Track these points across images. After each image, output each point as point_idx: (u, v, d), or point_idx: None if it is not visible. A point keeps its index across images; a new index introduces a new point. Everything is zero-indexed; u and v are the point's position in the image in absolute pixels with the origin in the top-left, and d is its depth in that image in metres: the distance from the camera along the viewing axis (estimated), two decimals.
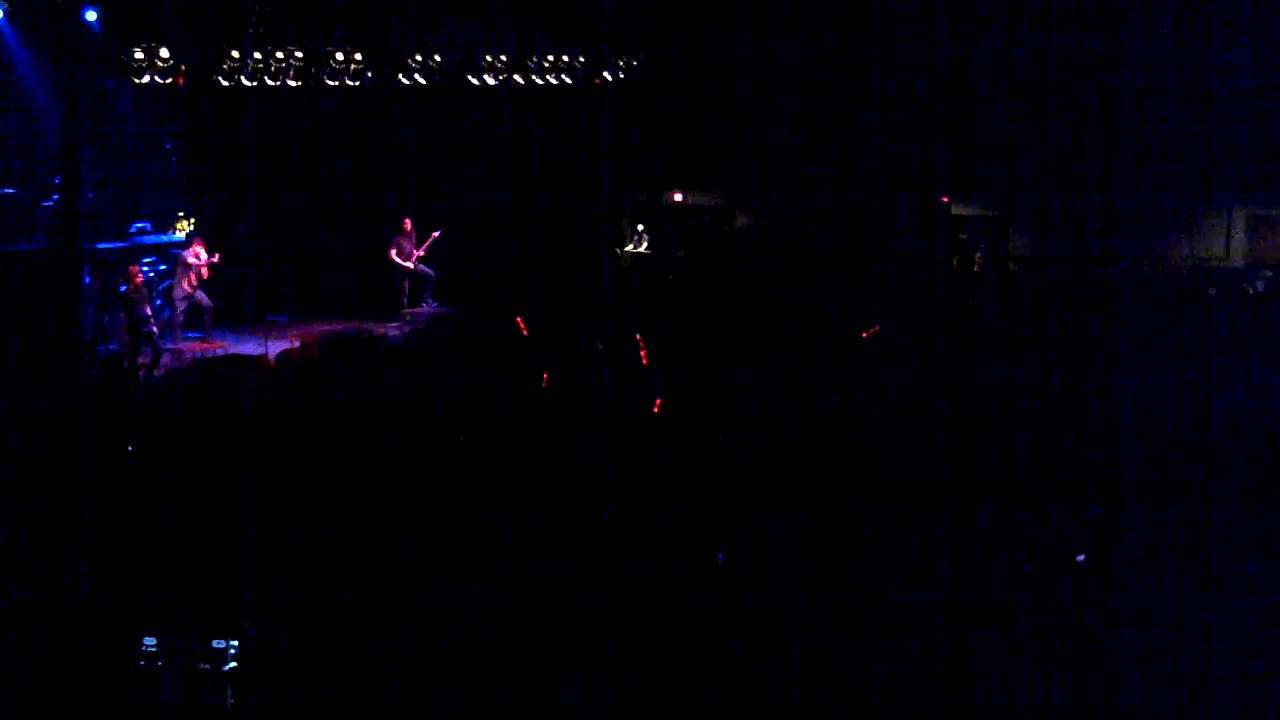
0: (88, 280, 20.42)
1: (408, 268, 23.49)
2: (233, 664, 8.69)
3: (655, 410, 16.30)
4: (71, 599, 10.01)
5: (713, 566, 11.60)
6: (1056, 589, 11.19)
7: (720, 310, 22.05)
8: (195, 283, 20.79)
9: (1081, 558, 11.69)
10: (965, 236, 26.61)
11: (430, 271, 23.75)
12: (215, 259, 20.95)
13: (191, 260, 20.75)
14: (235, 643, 8.69)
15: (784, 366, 17.64)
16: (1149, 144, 25.15)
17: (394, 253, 23.38)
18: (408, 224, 23.54)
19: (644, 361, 18.64)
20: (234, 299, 22.66)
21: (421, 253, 23.55)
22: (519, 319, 19.69)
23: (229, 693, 8.66)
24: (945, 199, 26.74)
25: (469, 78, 25.19)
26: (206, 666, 8.64)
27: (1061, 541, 11.90)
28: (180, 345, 20.71)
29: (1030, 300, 22.70)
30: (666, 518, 12.29)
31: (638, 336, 18.92)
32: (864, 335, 19.72)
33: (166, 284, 21.39)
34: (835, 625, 10.59)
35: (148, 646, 8.79)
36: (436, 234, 23.61)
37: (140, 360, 19.30)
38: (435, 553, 11.54)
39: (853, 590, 11.10)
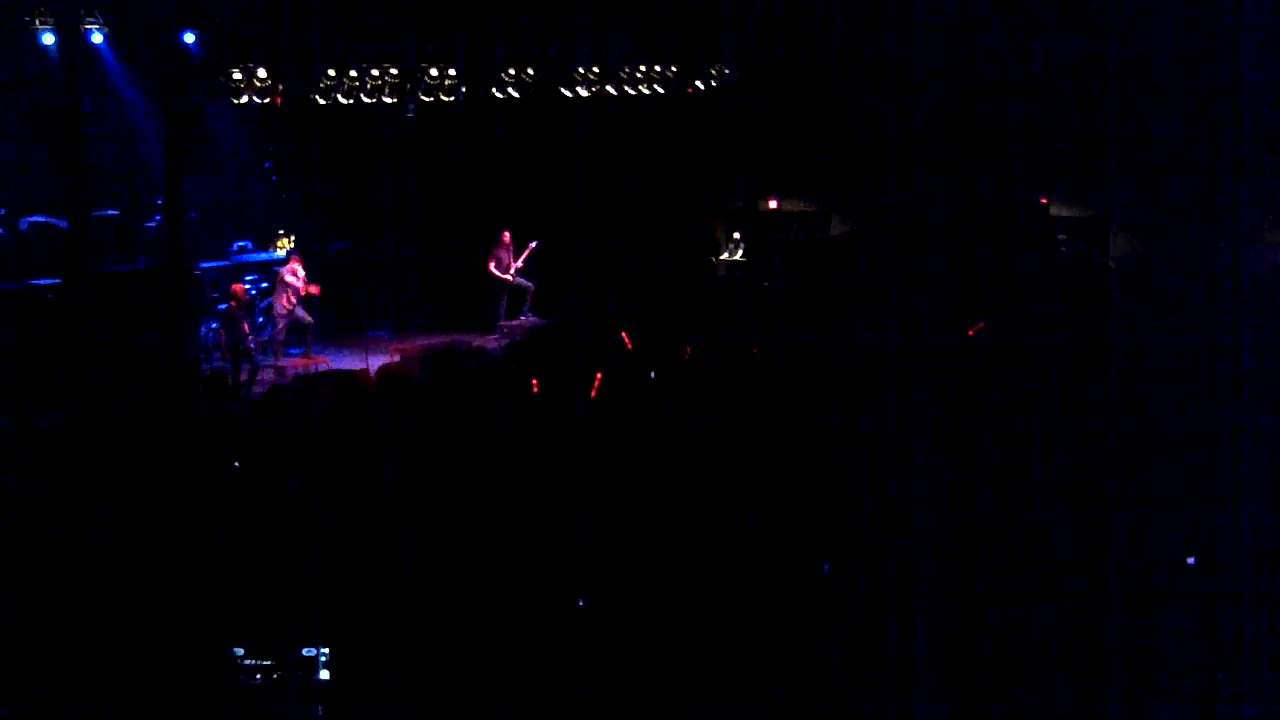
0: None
1: (506, 279, 23.55)
2: (324, 673, 8.71)
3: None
4: (168, 611, 10.11)
5: (818, 578, 11.50)
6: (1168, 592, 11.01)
7: (819, 315, 21.94)
8: (294, 299, 20.97)
9: (1192, 561, 11.49)
10: (1063, 237, 26.32)
11: (529, 284, 23.80)
12: (315, 290, 21.07)
13: (290, 278, 20.94)
14: (326, 651, 8.70)
15: (887, 370, 17.52)
16: (1254, 139, 24.74)
17: (492, 265, 23.46)
18: (506, 236, 23.60)
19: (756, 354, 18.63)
20: (335, 315, 22.90)
21: (520, 264, 23.60)
22: (624, 334, 19.63)
23: (319, 705, 8.69)
24: (1044, 200, 26.47)
25: (562, 90, 25.29)
26: (297, 675, 8.67)
27: (1173, 545, 11.72)
28: (283, 361, 20.91)
29: (1130, 298, 22.40)
30: (773, 527, 12.23)
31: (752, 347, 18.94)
32: (970, 333, 19.56)
33: (267, 301, 21.63)
34: (949, 636, 10.46)
35: (237, 657, 8.83)
36: (534, 244, 23.65)
37: (241, 378, 19.53)
38: (539, 566, 11.54)
39: (967, 598, 10.97)
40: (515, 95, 24.73)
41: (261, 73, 21.64)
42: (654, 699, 9.77)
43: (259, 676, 8.99)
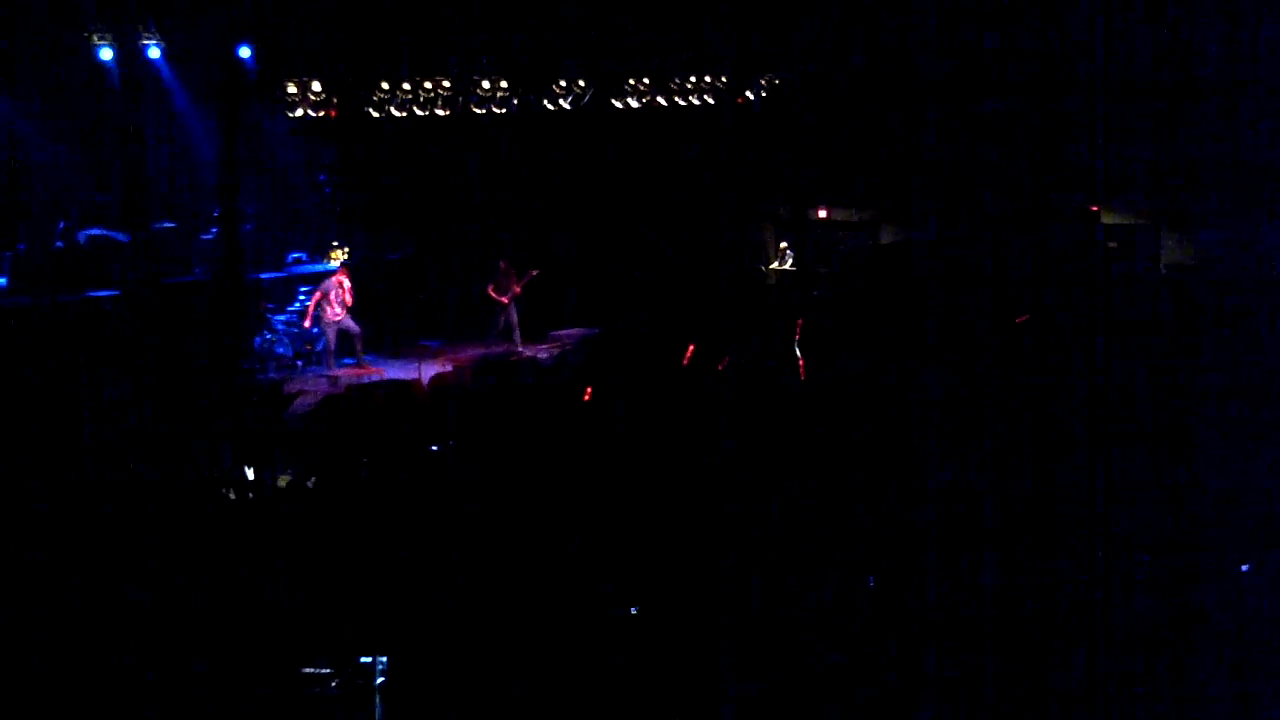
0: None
1: (503, 302, 23.46)
2: (381, 679, 8.84)
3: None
4: (226, 621, 10.25)
5: (863, 592, 11.53)
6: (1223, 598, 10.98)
7: (870, 324, 21.96)
8: (341, 310, 21.12)
9: (1246, 568, 11.46)
10: (1115, 244, 26.22)
11: (514, 318, 23.63)
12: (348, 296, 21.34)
13: (334, 288, 21.11)
14: (384, 659, 8.83)
15: (936, 384, 17.52)
16: None
17: (492, 288, 23.46)
18: (503, 264, 23.60)
19: (801, 376, 18.70)
20: (388, 325, 23.10)
21: (518, 290, 23.52)
22: (690, 346, 19.69)
23: (379, 708, 8.81)
24: (1095, 207, 26.39)
25: (613, 101, 25.43)
26: (356, 683, 8.79)
27: (1226, 549, 11.68)
28: (336, 371, 21.11)
29: (1180, 306, 22.29)
30: (817, 541, 12.27)
31: (797, 353, 18.97)
32: (1018, 320, 19.63)
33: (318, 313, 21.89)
34: (993, 642, 10.48)
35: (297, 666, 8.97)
36: (535, 272, 23.64)
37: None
38: (591, 575, 11.62)
39: (1014, 603, 10.97)
40: (567, 107, 24.87)
41: (316, 86, 21.86)
42: (699, 708, 9.85)
43: (318, 686, 9.11)
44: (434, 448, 16.04)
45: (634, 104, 25.68)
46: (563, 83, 24.73)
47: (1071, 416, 15.56)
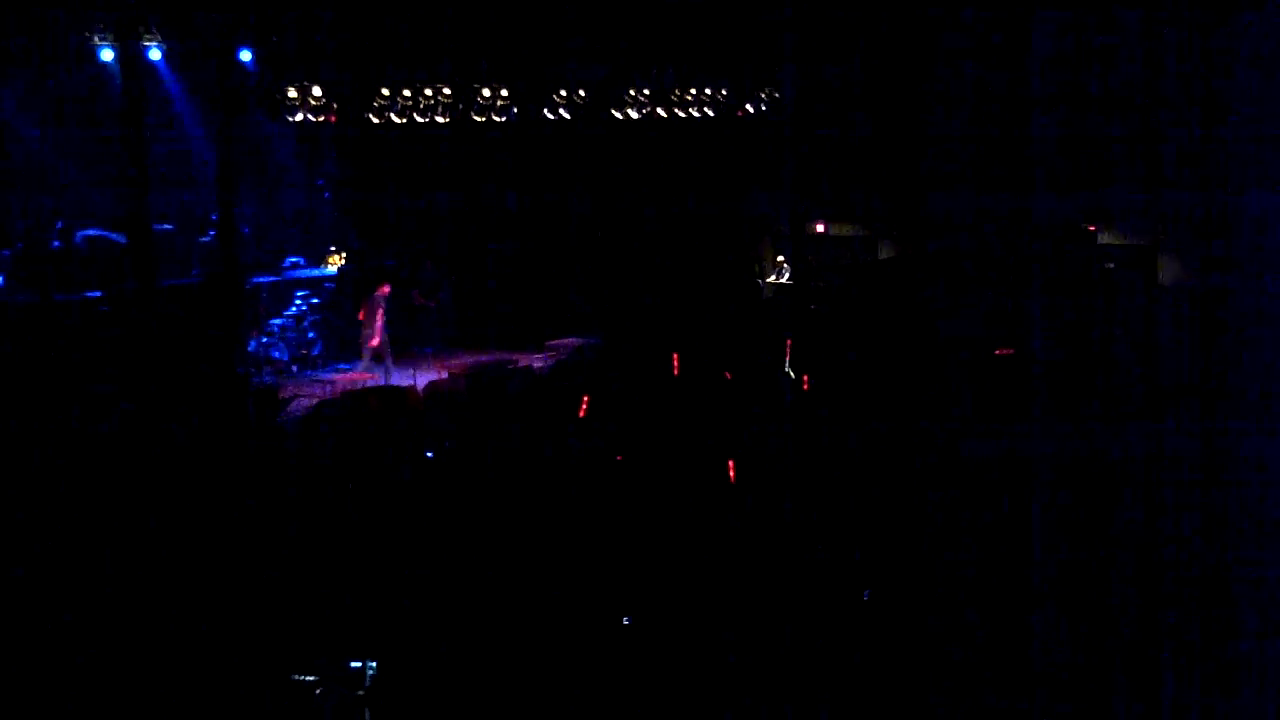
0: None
1: (429, 306, 23.56)
2: (370, 684, 8.83)
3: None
4: (221, 628, 10.23)
5: (859, 604, 11.54)
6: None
7: (865, 339, 21.97)
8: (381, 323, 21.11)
9: None
10: (1111, 265, 26.21)
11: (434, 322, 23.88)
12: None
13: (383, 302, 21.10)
14: (373, 664, 8.83)
15: (931, 399, 17.54)
16: None
17: (418, 293, 23.53)
18: (430, 267, 23.75)
19: (805, 388, 18.74)
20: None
21: (441, 294, 23.66)
22: (675, 355, 19.74)
23: (367, 715, 8.80)
24: (1091, 228, 26.38)
25: (613, 111, 25.45)
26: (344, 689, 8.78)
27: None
28: (331, 376, 21.09)
29: (1176, 327, 22.29)
30: (816, 554, 12.28)
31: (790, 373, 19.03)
32: (997, 352, 19.65)
33: (314, 318, 21.85)
34: (990, 660, 10.49)
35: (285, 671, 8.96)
36: (453, 277, 23.81)
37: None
38: (585, 582, 11.61)
39: (1011, 624, 10.98)
40: (566, 116, 24.89)
41: (316, 91, 21.87)
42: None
43: (306, 693, 9.10)
44: (429, 454, 16.05)
45: (634, 115, 25.71)
46: (563, 92, 24.74)
47: (1071, 435, 15.58)
